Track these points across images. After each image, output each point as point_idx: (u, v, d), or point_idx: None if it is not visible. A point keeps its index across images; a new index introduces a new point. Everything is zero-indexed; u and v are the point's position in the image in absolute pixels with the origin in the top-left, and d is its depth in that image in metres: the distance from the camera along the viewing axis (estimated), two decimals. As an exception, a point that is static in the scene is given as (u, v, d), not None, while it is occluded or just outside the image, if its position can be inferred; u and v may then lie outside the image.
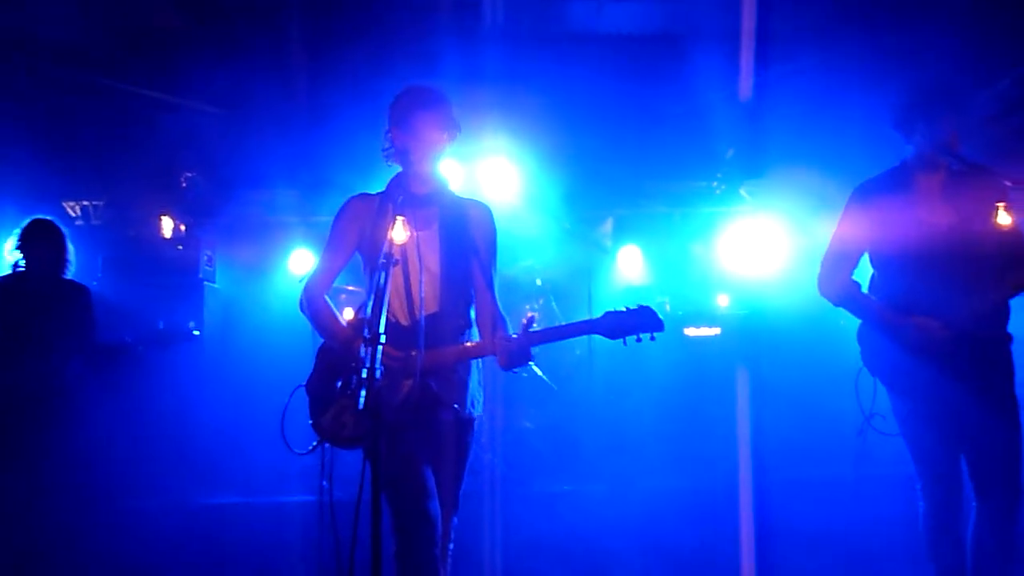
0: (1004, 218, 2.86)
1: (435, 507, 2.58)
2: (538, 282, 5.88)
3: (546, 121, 5.73)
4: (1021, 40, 4.76)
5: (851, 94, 4.88)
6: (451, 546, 2.74)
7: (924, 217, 2.98)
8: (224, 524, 4.49)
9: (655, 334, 2.62)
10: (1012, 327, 2.97)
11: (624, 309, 2.63)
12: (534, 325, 2.66)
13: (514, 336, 2.65)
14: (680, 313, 6.06)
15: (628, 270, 6.69)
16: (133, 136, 5.86)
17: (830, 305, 3.21)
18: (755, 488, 4.40)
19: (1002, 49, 4.86)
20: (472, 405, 2.79)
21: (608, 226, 6.93)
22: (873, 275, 3.16)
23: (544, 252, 5.98)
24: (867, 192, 3.11)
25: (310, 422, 2.72)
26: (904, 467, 3.11)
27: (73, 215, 6.31)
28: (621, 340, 2.64)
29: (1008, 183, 2.78)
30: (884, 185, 3.09)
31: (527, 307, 5.68)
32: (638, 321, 2.61)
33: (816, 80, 5.07)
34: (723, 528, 4.34)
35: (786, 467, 4.71)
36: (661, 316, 2.63)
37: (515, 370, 2.70)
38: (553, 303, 5.78)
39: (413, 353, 2.58)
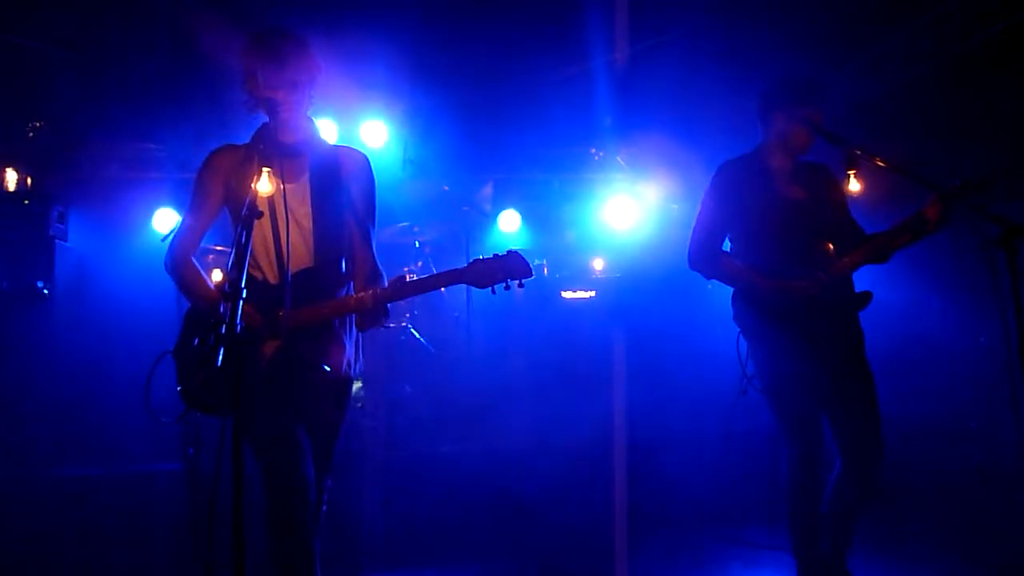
0: (854, 185, 3.06)
1: (309, 471, 2.50)
2: (416, 244, 5.83)
3: (427, 84, 5.63)
4: (878, 19, 5.06)
5: (719, 69, 5.06)
6: (324, 508, 2.68)
7: (780, 192, 3.19)
8: (80, 496, 4.23)
9: (523, 281, 2.53)
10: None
11: (492, 256, 2.53)
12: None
13: (369, 293, 2.52)
14: (557, 276, 6.17)
15: (507, 233, 6.73)
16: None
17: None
18: (629, 448, 4.56)
19: (860, 29, 5.17)
20: (347, 365, 2.70)
21: (488, 189, 6.94)
22: (732, 246, 3.32)
23: (423, 214, 5.93)
24: (729, 170, 3.29)
25: (178, 388, 2.58)
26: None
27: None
28: (490, 289, 2.53)
29: (858, 151, 2.94)
30: (744, 164, 3.29)
31: (405, 269, 5.63)
32: (506, 267, 2.51)
33: (688, 52, 5.22)
34: (598, 486, 4.48)
35: (659, 427, 4.90)
36: (529, 262, 2.54)
37: (373, 327, 2.61)
38: (432, 266, 5.75)
39: (281, 313, 2.47)
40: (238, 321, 1.83)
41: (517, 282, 2.53)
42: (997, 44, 4.65)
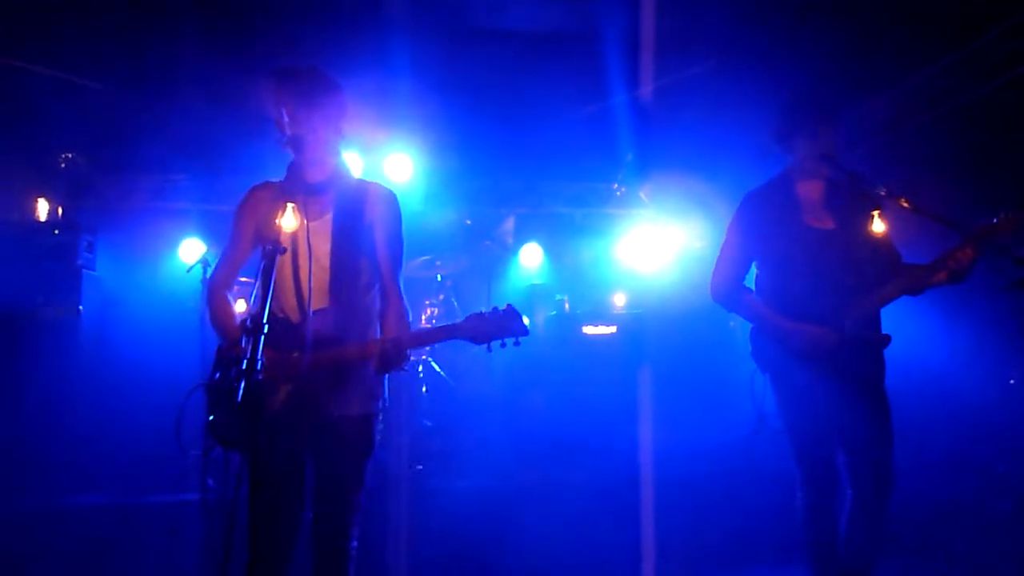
0: (878, 225, 3.01)
1: (287, 533, 2.52)
2: (439, 277, 5.85)
3: (450, 117, 5.69)
4: (902, 57, 5.06)
5: (744, 103, 5.06)
6: (354, 544, 2.63)
7: (808, 222, 3.11)
8: (98, 526, 4.23)
9: (520, 339, 2.48)
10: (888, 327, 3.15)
11: (490, 311, 2.50)
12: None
13: (386, 340, 2.54)
14: (578, 311, 6.15)
15: (529, 267, 6.74)
16: (8, 111, 5.46)
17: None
18: (654, 485, 4.50)
19: (885, 66, 5.17)
20: (366, 402, 2.68)
21: (510, 224, 6.97)
22: (758, 276, 3.27)
23: (446, 248, 5.95)
24: (754, 201, 3.23)
25: (209, 419, 2.56)
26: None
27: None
28: (485, 345, 2.50)
29: (883, 191, 2.92)
30: (769, 193, 3.22)
31: (427, 302, 5.63)
32: (502, 325, 2.48)
33: (712, 88, 5.23)
34: (621, 524, 4.41)
35: (681, 463, 4.83)
36: (526, 321, 2.49)
37: (388, 372, 2.60)
38: (453, 299, 5.76)
39: (295, 354, 2.46)
40: (259, 357, 1.83)
41: (513, 340, 2.49)
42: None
